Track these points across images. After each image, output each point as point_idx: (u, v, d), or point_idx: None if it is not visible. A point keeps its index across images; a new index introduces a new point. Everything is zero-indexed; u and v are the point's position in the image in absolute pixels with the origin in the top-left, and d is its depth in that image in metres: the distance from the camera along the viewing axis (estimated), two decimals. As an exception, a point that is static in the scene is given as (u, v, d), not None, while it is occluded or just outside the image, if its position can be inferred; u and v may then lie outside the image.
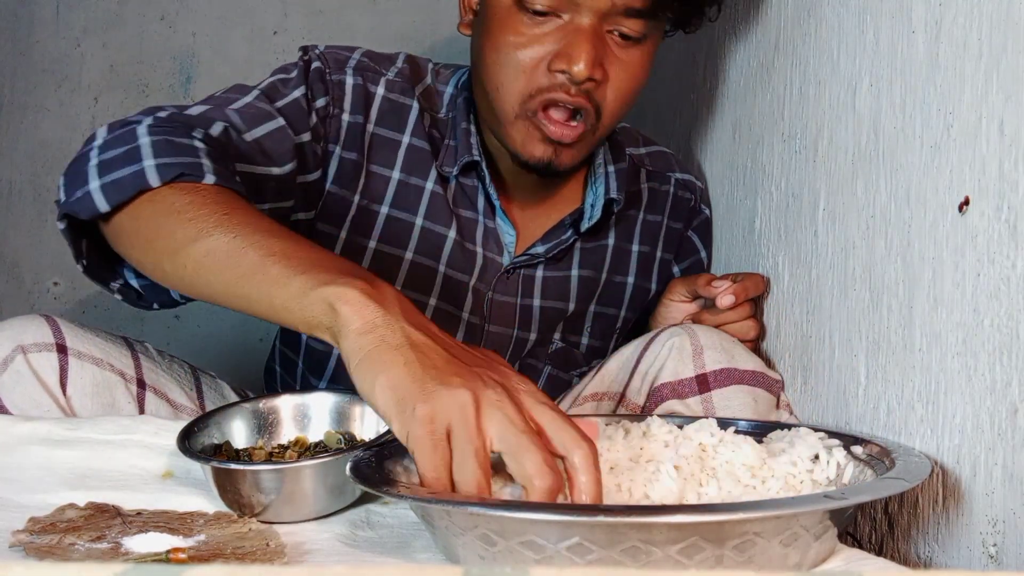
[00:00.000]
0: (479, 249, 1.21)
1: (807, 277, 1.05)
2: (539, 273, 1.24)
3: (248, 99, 1.08)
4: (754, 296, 1.15)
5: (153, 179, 0.88)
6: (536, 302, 1.25)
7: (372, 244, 1.18)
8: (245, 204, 0.88)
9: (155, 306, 1.02)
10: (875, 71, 0.91)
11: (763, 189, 1.19)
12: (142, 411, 1.04)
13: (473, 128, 1.18)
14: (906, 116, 0.86)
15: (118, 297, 1.01)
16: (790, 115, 1.12)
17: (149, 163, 0.89)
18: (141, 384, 1.06)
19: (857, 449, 0.81)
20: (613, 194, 1.21)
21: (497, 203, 1.20)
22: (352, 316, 0.73)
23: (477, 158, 1.16)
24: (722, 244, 1.35)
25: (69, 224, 0.94)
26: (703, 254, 1.36)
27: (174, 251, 0.84)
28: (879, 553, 0.89)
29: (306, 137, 1.10)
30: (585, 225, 1.22)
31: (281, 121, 1.07)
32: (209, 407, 1.09)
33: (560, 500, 0.72)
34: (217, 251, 0.81)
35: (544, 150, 1.10)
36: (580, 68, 1.04)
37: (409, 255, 1.19)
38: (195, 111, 1.03)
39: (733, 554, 0.66)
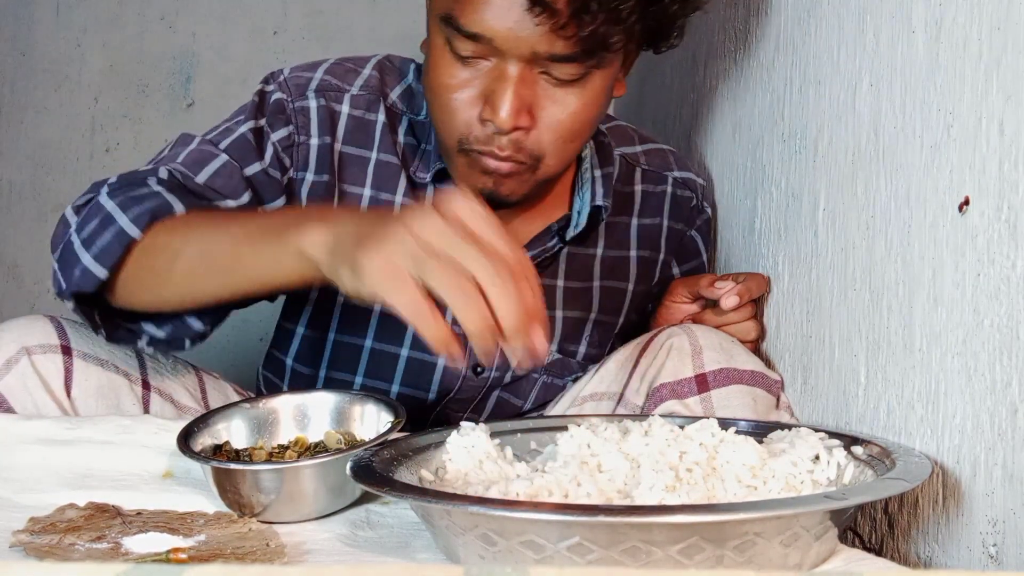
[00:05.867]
0: None
1: (807, 277, 1.05)
2: None
3: (191, 147, 1.11)
4: (757, 296, 1.14)
5: (133, 231, 0.96)
6: None
7: None
8: (208, 213, 0.99)
9: (187, 345, 1.04)
10: (875, 71, 0.91)
11: (763, 189, 1.19)
12: (147, 413, 1.04)
13: None
14: (906, 116, 0.86)
15: (150, 351, 1.05)
16: (790, 115, 1.12)
17: (124, 220, 0.97)
18: (146, 385, 1.07)
19: (857, 449, 0.81)
20: (599, 201, 1.18)
21: None
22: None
23: (445, 165, 1.14)
24: (722, 244, 1.34)
25: (78, 303, 0.98)
26: (704, 257, 1.34)
27: (167, 276, 0.95)
28: (879, 553, 0.89)
29: (256, 167, 1.12)
30: (571, 233, 1.18)
31: (225, 157, 1.10)
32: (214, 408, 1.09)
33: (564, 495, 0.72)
34: (195, 259, 0.93)
35: (484, 181, 1.06)
36: (503, 118, 1.00)
37: None
38: (141, 169, 1.08)
39: (733, 554, 0.66)
